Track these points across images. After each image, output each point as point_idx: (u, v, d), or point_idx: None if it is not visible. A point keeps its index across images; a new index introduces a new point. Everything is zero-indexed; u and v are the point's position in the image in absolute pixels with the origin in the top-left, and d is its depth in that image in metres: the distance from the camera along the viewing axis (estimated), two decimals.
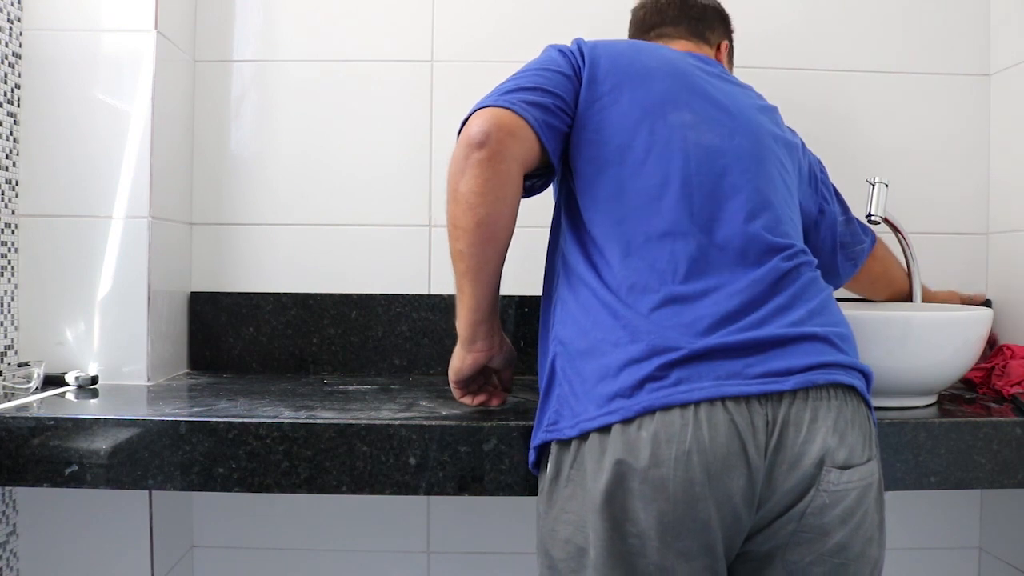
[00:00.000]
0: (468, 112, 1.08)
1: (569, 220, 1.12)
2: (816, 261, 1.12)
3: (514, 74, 1.13)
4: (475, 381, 1.24)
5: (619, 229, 1.06)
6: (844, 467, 0.96)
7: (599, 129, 1.10)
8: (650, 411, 0.94)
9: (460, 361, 1.18)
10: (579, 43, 1.17)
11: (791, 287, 1.04)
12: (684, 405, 0.94)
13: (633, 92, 1.11)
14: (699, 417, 0.93)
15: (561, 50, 1.16)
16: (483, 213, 1.04)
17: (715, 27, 1.36)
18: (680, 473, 0.93)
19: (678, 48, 1.28)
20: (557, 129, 1.10)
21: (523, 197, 1.12)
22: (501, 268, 1.12)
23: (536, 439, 1.06)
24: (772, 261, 1.05)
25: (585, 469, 0.97)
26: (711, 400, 0.94)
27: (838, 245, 1.40)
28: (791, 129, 1.30)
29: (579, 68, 1.13)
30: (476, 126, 1.04)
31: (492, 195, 1.04)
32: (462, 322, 1.14)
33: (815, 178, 1.35)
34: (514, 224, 1.09)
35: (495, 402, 1.26)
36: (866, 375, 1.04)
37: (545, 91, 1.09)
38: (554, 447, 1.02)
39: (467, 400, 1.25)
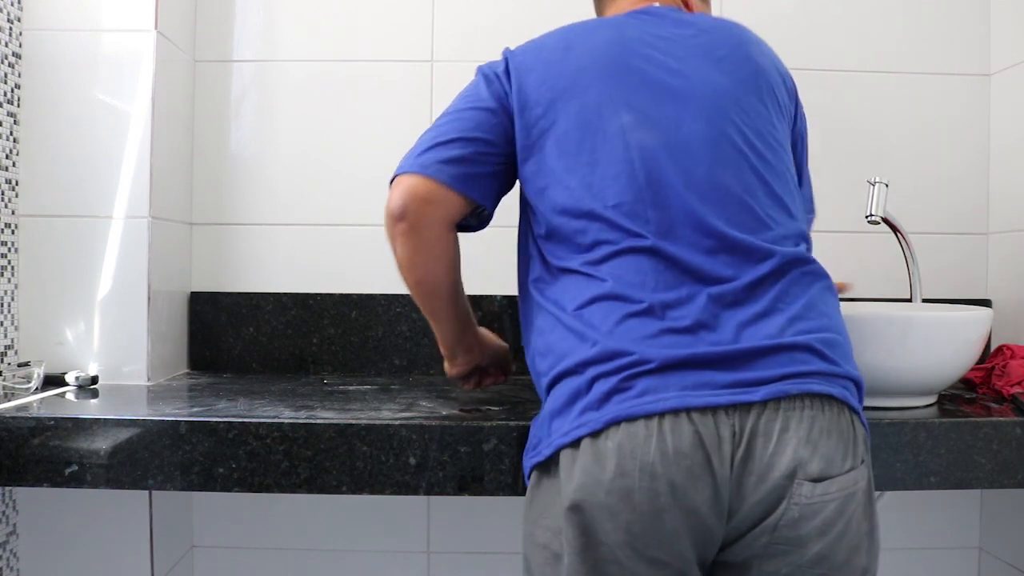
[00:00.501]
0: (392, 174, 1.12)
1: (529, 245, 1.11)
2: (805, 248, 1.06)
3: (436, 120, 1.14)
4: (472, 375, 1.36)
5: (576, 251, 1.04)
6: (819, 479, 0.93)
7: (541, 155, 1.08)
8: (616, 422, 0.93)
9: (449, 370, 1.34)
10: (506, 60, 1.13)
11: (770, 291, 1.00)
12: (648, 416, 0.92)
13: (567, 107, 1.07)
14: (663, 428, 0.91)
15: (487, 75, 1.14)
16: (420, 274, 1.15)
17: None
18: (645, 484, 0.91)
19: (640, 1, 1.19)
20: (483, 176, 1.10)
21: (478, 230, 1.19)
22: (457, 304, 1.21)
23: (526, 463, 1.05)
24: (744, 261, 1.01)
25: (559, 478, 0.96)
26: (675, 411, 0.92)
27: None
28: (779, 69, 1.17)
29: (506, 96, 1.11)
30: (395, 200, 1.10)
31: (421, 259, 1.13)
32: (440, 346, 1.30)
33: (800, 139, 1.24)
34: (456, 273, 1.17)
35: (489, 381, 1.39)
36: (855, 381, 1.00)
37: (464, 140, 1.10)
38: (537, 470, 1.02)
39: (468, 386, 1.39)
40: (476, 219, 1.17)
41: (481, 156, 1.10)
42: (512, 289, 1.62)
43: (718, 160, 1.04)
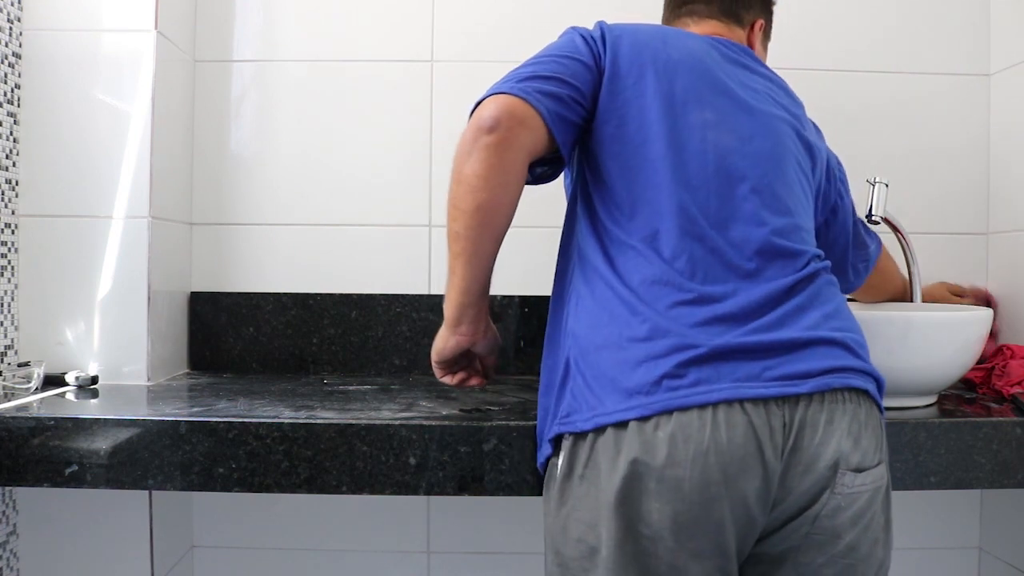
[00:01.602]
0: (481, 95, 1.06)
1: (586, 213, 1.11)
2: (830, 265, 1.12)
3: (532, 58, 1.11)
4: (458, 363, 1.21)
5: (636, 226, 1.05)
6: (858, 470, 0.97)
7: (621, 124, 1.09)
8: (668, 411, 0.94)
9: (443, 342, 1.16)
10: (602, 28, 1.14)
11: (807, 290, 1.04)
12: (703, 406, 0.94)
13: (657, 86, 1.09)
14: (717, 418, 0.94)
15: (583, 35, 1.13)
16: (484, 197, 1.04)
17: (752, 5, 1.30)
18: (696, 474, 0.93)
19: (707, 29, 1.26)
20: (570, 122, 1.08)
21: (532, 184, 1.13)
22: (495, 255, 1.11)
23: (550, 431, 1.04)
24: (788, 264, 1.05)
25: (599, 467, 0.96)
26: (729, 401, 0.94)
27: (851, 244, 1.36)
28: (815, 126, 1.29)
29: (600, 57, 1.11)
30: (488, 111, 1.03)
31: (495, 180, 1.04)
32: (450, 303, 1.13)
33: (833, 175, 1.31)
34: (513, 212, 1.08)
35: (474, 382, 1.23)
36: (878, 381, 1.04)
37: (562, 81, 1.07)
38: (567, 441, 1.01)
39: (447, 380, 1.21)
40: (541, 168, 1.14)
41: (575, 103, 1.09)
42: (518, 290, 1.64)
43: (778, 176, 1.10)
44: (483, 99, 1.05)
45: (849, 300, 1.68)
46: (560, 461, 1.01)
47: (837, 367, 0.99)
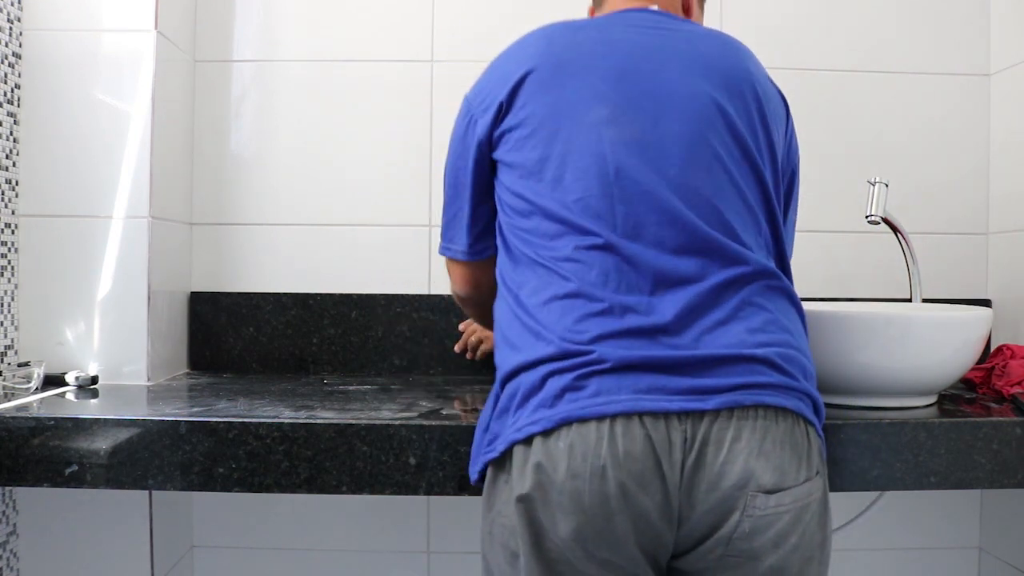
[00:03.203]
0: (440, 247, 1.22)
1: (499, 227, 1.11)
2: (772, 264, 1.04)
3: (446, 194, 1.19)
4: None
5: (544, 241, 1.03)
6: (773, 491, 0.92)
7: (514, 148, 1.07)
8: (568, 422, 0.92)
9: (489, 343, 1.55)
10: (470, 120, 1.12)
11: (733, 298, 0.99)
12: (600, 418, 0.91)
13: (544, 98, 1.06)
14: (615, 431, 0.91)
15: (461, 138, 1.14)
16: (471, 311, 1.35)
17: None
18: (595, 486, 0.91)
19: (638, 1, 1.17)
20: (493, 209, 1.14)
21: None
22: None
23: (479, 461, 1.04)
24: (711, 265, 0.99)
25: (513, 474, 0.96)
26: (627, 414, 0.91)
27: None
28: (776, 90, 1.15)
29: (481, 142, 1.10)
30: (458, 288, 1.26)
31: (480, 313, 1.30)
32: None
33: (792, 170, 1.20)
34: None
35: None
36: (810, 396, 0.99)
37: (472, 219, 1.16)
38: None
39: (471, 354, 1.63)
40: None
41: (486, 210, 1.16)
42: None
43: (691, 162, 1.02)
44: (444, 258, 1.24)
45: (848, 299, 1.69)
46: (487, 472, 1.02)
47: (751, 383, 0.94)
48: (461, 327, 1.66)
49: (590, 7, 1.28)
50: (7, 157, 1.45)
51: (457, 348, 1.66)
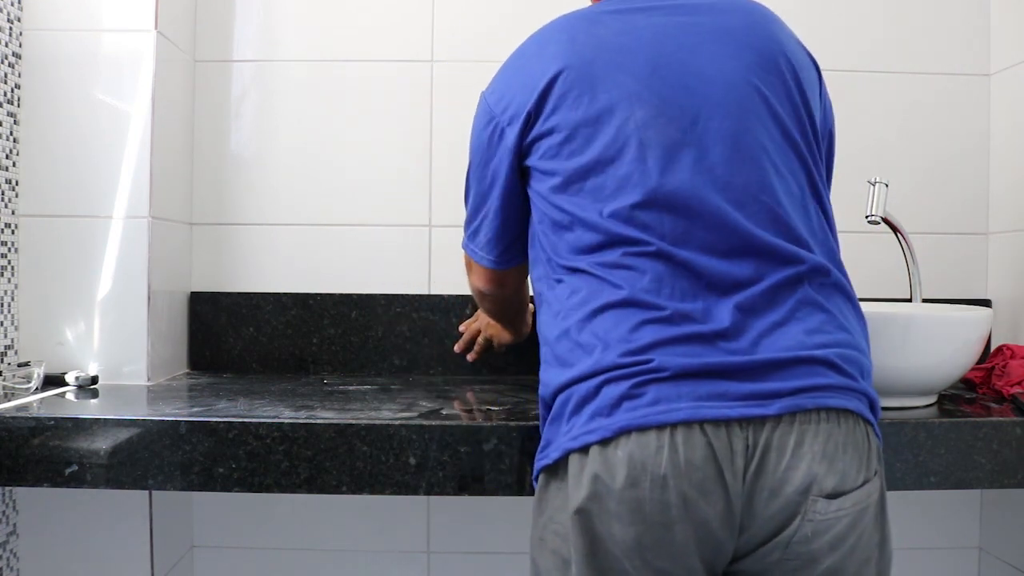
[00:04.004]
0: (464, 241, 1.22)
1: (537, 237, 1.08)
2: (826, 259, 1.01)
3: (470, 199, 1.17)
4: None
5: (588, 251, 1.01)
6: (833, 495, 0.91)
7: (549, 155, 1.04)
8: (626, 431, 0.90)
9: (502, 337, 1.59)
10: (500, 128, 1.08)
11: (789, 299, 0.97)
12: (660, 426, 0.90)
13: (578, 101, 1.02)
14: (675, 439, 0.89)
15: (487, 145, 1.10)
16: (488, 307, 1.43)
17: None
18: (656, 495, 0.89)
19: None
20: (522, 217, 1.13)
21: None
22: (512, 316, 1.48)
23: (535, 467, 1.03)
24: (765, 265, 0.97)
25: (568, 483, 0.95)
26: (688, 422, 0.90)
27: None
28: (806, 53, 1.11)
29: (513, 146, 1.07)
30: (479, 284, 1.27)
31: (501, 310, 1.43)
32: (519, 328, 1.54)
33: (830, 138, 1.16)
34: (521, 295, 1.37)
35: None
36: (869, 398, 0.98)
37: (502, 228, 1.14)
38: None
39: (471, 355, 1.65)
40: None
41: (517, 212, 1.15)
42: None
43: (735, 158, 0.99)
44: (465, 252, 1.23)
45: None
46: (540, 476, 1.01)
47: (812, 386, 0.92)
48: (461, 328, 1.66)
49: None
50: (7, 157, 1.45)
51: (457, 348, 1.66)
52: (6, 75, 1.45)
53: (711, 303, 0.96)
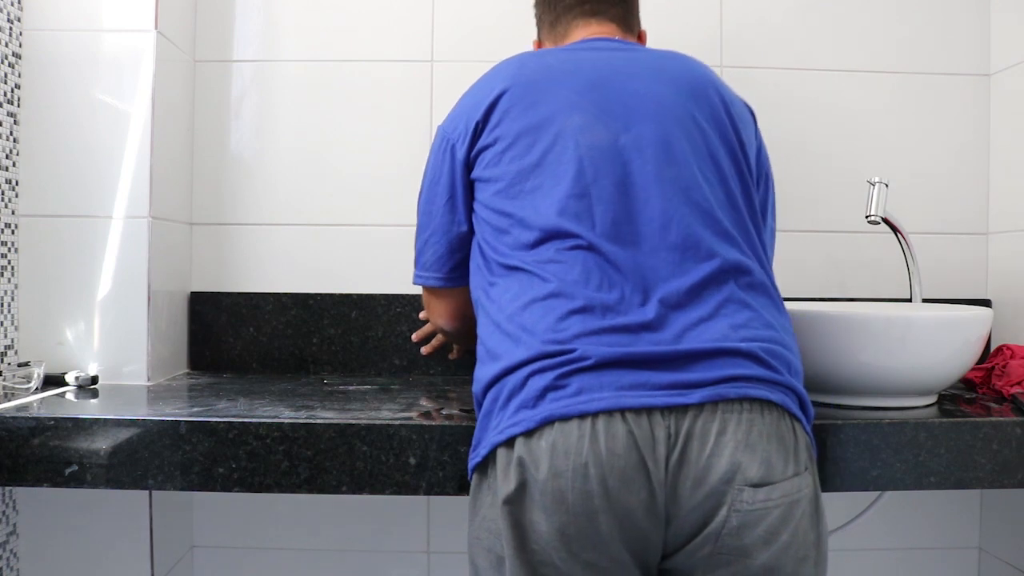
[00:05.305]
0: (414, 276, 1.28)
1: (477, 242, 1.14)
2: (755, 261, 1.05)
3: (419, 225, 1.26)
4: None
5: (525, 247, 1.05)
6: (760, 484, 0.91)
7: (491, 160, 1.11)
8: (549, 421, 0.91)
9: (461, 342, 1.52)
10: (452, 150, 1.17)
11: (715, 295, 0.99)
12: (583, 416, 0.91)
13: (521, 114, 1.10)
14: (596, 428, 0.90)
15: (439, 164, 1.19)
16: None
17: (637, 14, 1.30)
18: (579, 485, 0.90)
19: (600, 30, 1.24)
20: (470, 235, 1.17)
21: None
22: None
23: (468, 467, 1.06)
24: (690, 261, 1.00)
25: (497, 477, 0.95)
26: (610, 411, 0.90)
27: None
28: (741, 101, 1.19)
29: (462, 159, 1.15)
30: (440, 322, 1.35)
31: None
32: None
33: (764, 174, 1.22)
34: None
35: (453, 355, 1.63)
36: (798, 394, 0.99)
37: (452, 242, 1.20)
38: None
39: (425, 347, 1.64)
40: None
41: (461, 232, 1.20)
42: None
43: (666, 161, 1.05)
44: (419, 286, 1.30)
45: (848, 299, 1.69)
46: (473, 477, 1.02)
47: (735, 376, 0.93)
48: (422, 315, 1.62)
49: (535, 41, 1.35)
50: (7, 157, 1.45)
51: (415, 337, 1.66)
52: (6, 75, 1.45)
53: (638, 296, 0.98)
